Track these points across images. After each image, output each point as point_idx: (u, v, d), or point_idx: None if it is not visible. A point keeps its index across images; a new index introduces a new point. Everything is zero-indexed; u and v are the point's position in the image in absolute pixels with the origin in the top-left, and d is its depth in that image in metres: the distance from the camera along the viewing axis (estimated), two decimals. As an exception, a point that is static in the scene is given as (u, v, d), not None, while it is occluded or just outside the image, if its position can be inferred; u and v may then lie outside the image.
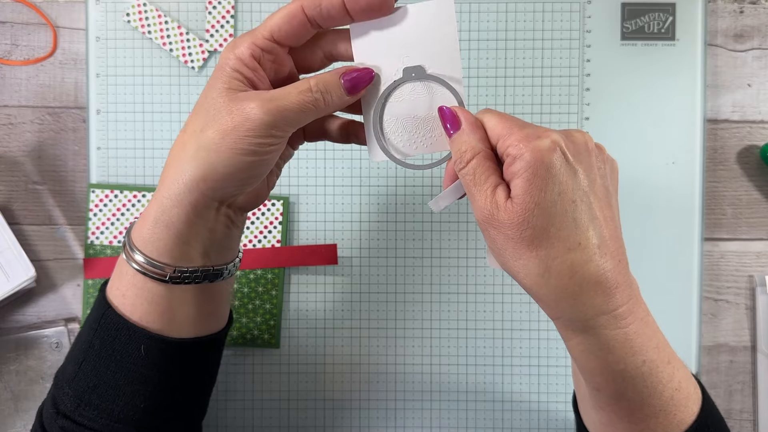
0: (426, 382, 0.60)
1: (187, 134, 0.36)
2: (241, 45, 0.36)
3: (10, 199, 0.60)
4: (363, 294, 0.60)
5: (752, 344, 0.61)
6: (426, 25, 0.37)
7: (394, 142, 0.39)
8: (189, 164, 0.36)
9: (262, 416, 0.60)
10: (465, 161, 0.35)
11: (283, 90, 0.36)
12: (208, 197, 0.36)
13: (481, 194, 0.34)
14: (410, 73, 0.38)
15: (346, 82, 0.37)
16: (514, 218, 0.33)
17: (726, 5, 0.61)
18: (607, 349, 0.34)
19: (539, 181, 0.32)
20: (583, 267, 0.33)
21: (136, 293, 0.38)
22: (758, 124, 0.61)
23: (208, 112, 0.36)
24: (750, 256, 0.61)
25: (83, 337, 0.40)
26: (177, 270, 0.38)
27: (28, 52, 0.60)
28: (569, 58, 0.60)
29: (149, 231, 0.37)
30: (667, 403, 0.35)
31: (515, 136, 0.34)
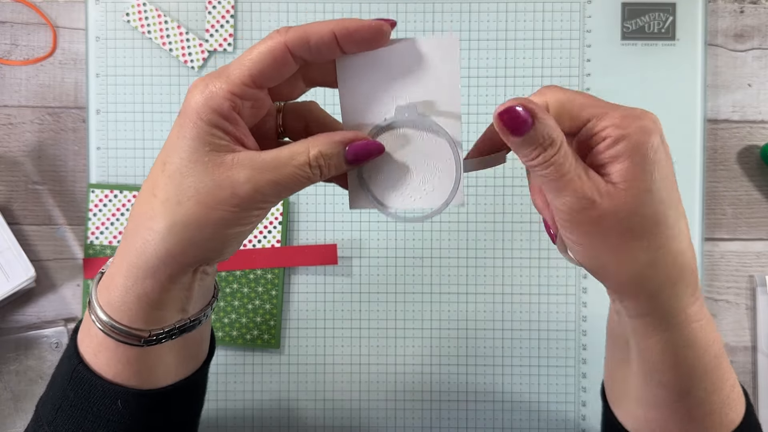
0: (426, 382, 0.60)
1: (158, 202, 0.31)
2: (217, 95, 0.31)
3: (10, 199, 0.60)
4: (363, 294, 0.60)
5: (753, 344, 0.61)
6: (426, 61, 0.33)
7: (377, 190, 0.34)
8: (164, 239, 0.31)
9: (262, 416, 0.60)
10: (553, 152, 0.30)
11: (277, 159, 0.31)
12: (187, 267, 0.33)
13: (579, 182, 0.30)
14: (403, 114, 0.33)
15: (350, 154, 0.32)
16: (623, 206, 0.30)
17: (726, 5, 0.61)
18: (689, 343, 0.33)
19: (649, 165, 0.30)
20: (683, 255, 0.32)
21: (109, 356, 0.35)
22: (758, 124, 0.61)
23: (183, 177, 0.31)
24: (750, 256, 0.61)
25: (58, 382, 0.37)
26: (152, 334, 0.34)
27: (27, 52, 0.60)
28: (569, 58, 0.60)
29: (118, 299, 0.33)
30: (724, 401, 0.35)
31: (613, 115, 0.30)
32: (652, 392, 0.35)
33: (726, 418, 0.35)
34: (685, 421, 0.35)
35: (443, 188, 0.34)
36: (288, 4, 0.60)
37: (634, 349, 0.36)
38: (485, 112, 0.60)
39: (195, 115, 0.31)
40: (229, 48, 0.60)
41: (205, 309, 0.37)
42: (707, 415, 0.34)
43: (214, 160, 0.31)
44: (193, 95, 0.31)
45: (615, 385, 0.41)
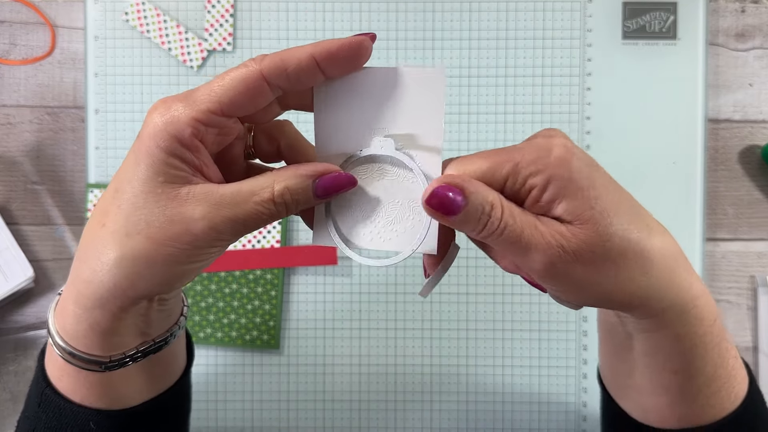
0: (426, 383, 0.60)
1: (107, 231, 0.29)
2: (178, 121, 0.28)
3: (9, 199, 0.60)
4: (363, 294, 0.60)
5: (754, 345, 0.61)
6: (409, 92, 0.30)
7: (344, 227, 0.32)
8: (111, 271, 0.29)
9: (261, 417, 0.60)
10: (498, 215, 0.29)
11: (237, 194, 0.29)
12: (137, 299, 0.31)
13: (539, 235, 0.29)
14: (379, 147, 0.31)
15: (320, 189, 0.30)
16: (589, 238, 0.29)
17: (727, 4, 0.61)
18: (700, 321, 0.33)
19: (585, 191, 0.29)
20: (664, 246, 0.31)
21: (72, 381, 0.34)
22: (759, 124, 0.61)
23: (134, 209, 0.29)
24: (751, 257, 0.61)
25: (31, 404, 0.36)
26: (112, 359, 0.32)
27: (26, 52, 0.60)
28: (570, 58, 0.60)
29: (72, 327, 0.32)
30: (730, 374, 0.35)
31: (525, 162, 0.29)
32: (663, 380, 0.35)
33: (732, 391, 0.35)
34: (696, 400, 0.35)
35: (414, 231, 0.31)
36: (288, 3, 0.60)
37: (642, 344, 0.35)
38: (485, 112, 0.60)
39: (152, 141, 0.28)
40: (229, 47, 0.59)
41: (171, 329, 0.36)
42: (716, 392, 0.34)
43: (168, 193, 0.28)
44: (152, 118, 0.29)
45: (617, 378, 0.40)
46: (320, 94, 0.31)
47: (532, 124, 0.60)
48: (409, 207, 0.31)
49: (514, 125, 0.60)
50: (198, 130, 0.29)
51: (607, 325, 0.40)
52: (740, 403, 0.35)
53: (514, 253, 0.30)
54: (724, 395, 0.35)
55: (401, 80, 0.30)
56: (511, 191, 0.30)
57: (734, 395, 0.35)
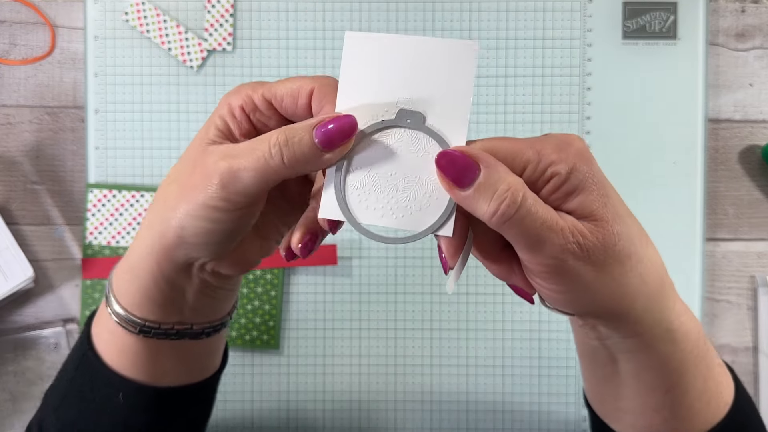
0: (426, 383, 0.60)
1: (163, 182, 0.33)
2: (239, 93, 0.32)
3: (9, 199, 0.60)
4: (363, 294, 0.60)
5: (754, 345, 0.61)
6: (440, 65, 0.29)
7: (353, 198, 0.30)
8: (154, 217, 0.32)
9: (261, 417, 0.60)
10: (518, 202, 0.27)
11: (244, 145, 0.30)
12: (171, 257, 0.32)
13: (559, 229, 0.28)
14: (405, 118, 0.30)
15: (319, 133, 0.29)
16: (604, 237, 0.28)
17: (728, 4, 0.61)
18: (686, 336, 0.33)
19: (603, 188, 0.29)
20: (656, 257, 0.31)
21: (109, 339, 0.36)
22: (760, 124, 0.61)
23: (182, 161, 0.32)
24: (752, 257, 0.61)
25: (69, 367, 0.38)
26: (146, 325, 0.34)
27: (26, 52, 0.60)
28: (570, 57, 0.60)
29: (121, 280, 0.35)
30: (718, 383, 0.35)
31: (548, 151, 0.28)
32: (655, 401, 0.35)
33: (720, 401, 0.35)
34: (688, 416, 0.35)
35: (431, 211, 0.29)
36: (288, 3, 0.60)
37: (629, 366, 0.35)
38: (485, 112, 0.60)
39: (218, 106, 0.32)
40: (229, 47, 0.59)
41: (212, 322, 0.37)
42: (705, 404, 0.35)
43: (199, 147, 0.31)
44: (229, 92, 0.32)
45: (606, 402, 0.40)
46: (352, 46, 0.30)
47: (532, 124, 0.60)
48: (427, 185, 0.30)
49: (514, 125, 0.60)
50: (247, 105, 0.31)
51: (588, 350, 0.39)
52: (729, 409, 0.35)
53: (525, 245, 0.28)
54: (713, 405, 0.35)
55: (433, 51, 0.29)
56: (529, 179, 0.28)
57: (723, 402, 0.35)
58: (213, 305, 0.37)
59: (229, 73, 0.60)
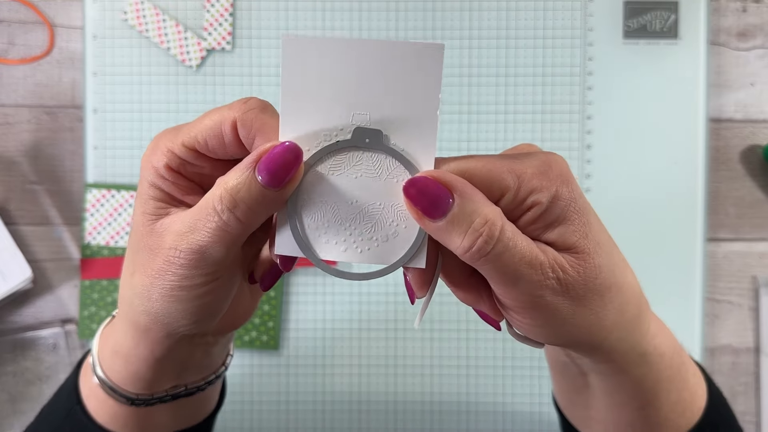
0: (426, 384, 0.60)
1: (125, 274, 0.30)
2: (157, 150, 0.27)
3: (7, 199, 0.60)
4: (362, 295, 0.60)
5: (755, 345, 0.61)
6: (401, 72, 0.25)
7: (314, 233, 0.27)
8: (132, 311, 0.30)
9: (260, 418, 0.60)
10: (495, 236, 0.24)
11: (193, 215, 0.26)
12: (163, 344, 0.31)
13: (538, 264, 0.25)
14: (363, 138, 0.26)
15: (262, 172, 0.25)
16: (585, 271, 0.26)
17: (729, 3, 0.61)
18: (660, 357, 0.32)
19: (585, 216, 0.26)
20: (635, 283, 0.29)
21: (99, 404, 0.34)
22: (761, 124, 0.61)
23: (134, 246, 0.29)
24: (753, 257, 0.61)
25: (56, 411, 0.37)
26: (139, 398, 0.33)
27: (24, 51, 0.60)
28: (571, 57, 0.60)
29: (109, 358, 0.33)
30: (692, 393, 0.34)
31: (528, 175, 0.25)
32: (627, 416, 0.34)
33: (695, 407, 0.35)
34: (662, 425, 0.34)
35: (400, 242, 0.26)
36: (287, 2, 0.59)
37: (601, 385, 0.34)
38: (485, 112, 0.60)
39: (142, 171, 0.28)
40: (228, 46, 0.59)
41: (208, 377, 0.36)
42: (680, 414, 0.34)
43: (149, 226, 0.28)
44: (147, 149, 0.28)
45: (575, 410, 0.39)
46: (290, 53, 0.25)
47: (533, 124, 0.60)
48: (393, 212, 0.26)
49: (514, 125, 0.60)
50: (172, 162, 0.27)
51: (557, 364, 0.38)
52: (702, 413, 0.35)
53: (501, 281, 0.26)
54: (688, 413, 0.34)
55: (390, 57, 0.25)
56: (507, 207, 0.26)
57: (697, 408, 0.35)
58: (208, 363, 0.35)
59: (229, 73, 0.59)
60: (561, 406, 0.41)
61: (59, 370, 0.59)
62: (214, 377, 0.36)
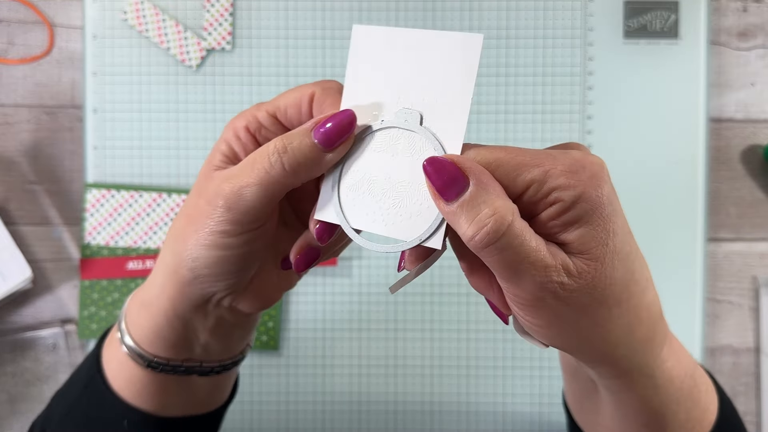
0: (426, 384, 0.60)
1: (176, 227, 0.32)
2: (242, 115, 0.31)
3: (7, 199, 0.60)
4: (363, 294, 0.60)
5: (756, 346, 0.60)
6: (442, 60, 0.27)
7: (350, 203, 0.29)
8: (166, 252, 0.32)
9: (260, 418, 0.59)
10: (500, 231, 0.24)
11: (243, 162, 0.29)
12: (186, 294, 0.32)
13: (542, 264, 0.25)
14: (403, 119, 0.28)
15: (318, 134, 0.28)
16: (594, 279, 0.26)
17: (729, 3, 0.61)
18: (670, 382, 0.31)
19: (608, 224, 0.25)
20: (654, 305, 0.29)
21: (117, 366, 0.35)
22: (762, 124, 0.61)
23: (191, 192, 0.32)
24: (754, 257, 0.61)
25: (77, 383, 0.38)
26: (155, 361, 0.34)
27: (24, 51, 0.60)
28: (571, 57, 0.60)
29: (135, 314, 0.34)
30: (703, 411, 0.34)
31: (556, 172, 0.25)
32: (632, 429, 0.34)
33: (705, 422, 0.34)
34: None
35: (421, 220, 0.27)
36: (287, 2, 0.59)
37: (608, 399, 0.34)
38: (486, 111, 0.60)
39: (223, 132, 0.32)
40: (228, 46, 0.59)
41: (223, 361, 0.36)
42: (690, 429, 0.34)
43: (206, 174, 0.31)
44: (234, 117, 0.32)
45: (584, 413, 0.39)
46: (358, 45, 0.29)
47: (533, 124, 0.60)
48: (420, 191, 0.27)
49: (514, 125, 0.60)
50: (251, 125, 0.31)
51: (569, 366, 0.38)
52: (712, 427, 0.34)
53: (502, 275, 0.26)
54: (698, 429, 0.34)
55: (435, 45, 0.27)
56: (530, 200, 0.26)
57: (707, 423, 0.34)
58: (226, 345, 0.36)
59: (228, 72, 0.59)
60: (570, 408, 0.41)
61: (59, 370, 0.59)
62: (231, 363, 0.37)
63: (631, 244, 0.28)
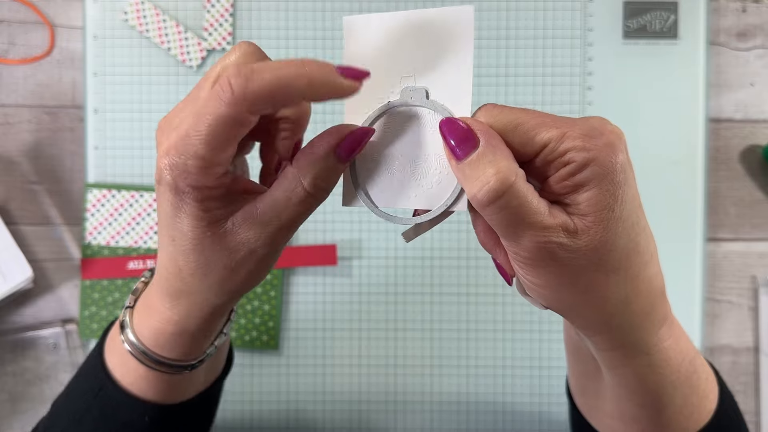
0: (426, 384, 0.60)
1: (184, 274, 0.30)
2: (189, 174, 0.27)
3: (8, 199, 0.60)
4: (362, 295, 0.60)
5: (755, 345, 0.61)
6: (438, 35, 0.28)
7: (370, 185, 0.30)
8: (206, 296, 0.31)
9: (261, 418, 0.60)
10: (500, 191, 0.25)
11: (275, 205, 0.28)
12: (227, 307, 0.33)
13: (542, 224, 0.26)
14: (409, 96, 0.29)
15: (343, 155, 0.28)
16: (596, 242, 0.26)
17: (729, 4, 0.61)
18: (666, 363, 0.31)
19: (617, 190, 0.26)
20: (655, 280, 0.29)
21: (138, 379, 0.35)
22: (761, 124, 0.61)
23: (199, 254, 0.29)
24: (753, 257, 0.61)
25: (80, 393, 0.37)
26: (187, 364, 0.35)
27: (25, 51, 0.60)
28: (571, 57, 0.60)
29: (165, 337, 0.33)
30: (702, 398, 0.34)
31: (573, 134, 0.26)
32: (630, 411, 0.34)
33: (704, 410, 0.35)
34: (666, 427, 0.34)
35: (442, 187, 0.29)
36: (287, 2, 0.59)
37: (606, 375, 0.34)
38: (486, 112, 0.60)
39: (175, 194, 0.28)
40: (228, 47, 0.59)
41: (225, 325, 0.37)
42: (687, 417, 0.34)
43: (216, 232, 0.29)
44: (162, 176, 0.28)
45: (586, 397, 0.39)
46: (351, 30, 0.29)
47: (533, 124, 0.60)
48: (437, 160, 0.29)
49: (514, 125, 0.60)
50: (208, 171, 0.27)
51: (573, 343, 0.39)
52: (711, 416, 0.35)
53: (504, 234, 0.27)
54: (696, 416, 0.34)
55: (428, 23, 0.28)
56: (544, 160, 0.27)
57: (707, 412, 0.35)
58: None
59: (229, 73, 0.59)
60: (573, 391, 0.41)
61: (59, 370, 0.59)
62: (230, 322, 0.38)
63: (639, 215, 0.28)
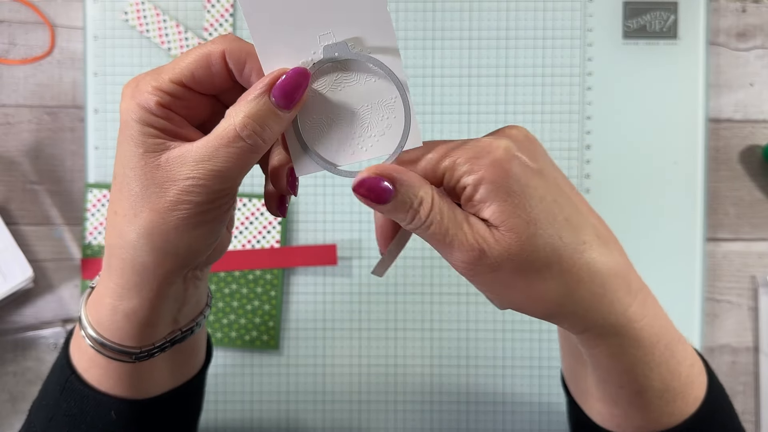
0: (426, 383, 0.60)
1: (119, 218, 0.30)
2: (144, 92, 0.29)
3: (8, 199, 0.60)
4: (363, 294, 0.60)
5: (755, 345, 0.61)
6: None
7: (321, 148, 0.30)
8: (135, 254, 0.30)
9: (261, 418, 0.60)
10: (426, 211, 0.29)
11: (207, 145, 0.28)
12: (170, 278, 0.32)
13: (463, 236, 0.29)
14: (332, 53, 0.29)
15: (278, 96, 0.28)
16: (512, 247, 0.29)
17: (728, 4, 0.61)
18: (637, 343, 0.32)
19: (516, 198, 0.28)
20: (598, 265, 0.30)
21: (100, 371, 0.35)
22: (761, 124, 0.61)
23: (131, 187, 0.29)
24: (753, 257, 0.61)
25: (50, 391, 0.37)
26: (143, 350, 0.34)
27: (25, 51, 0.60)
28: (570, 57, 0.60)
29: (108, 318, 0.33)
30: (685, 384, 0.34)
31: (460, 159, 0.29)
32: (609, 393, 0.35)
33: (689, 398, 0.35)
34: (648, 411, 0.34)
35: (393, 131, 0.30)
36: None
37: (585, 357, 0.35)
38: (485, 112, 0.60)
39: (126, 115, 0.29)
40: (228, 47, 0.59)
41: (197, 318, 0.37)
42: (669, 402, 0.34)
43: (151, 163, 0.29)
44: (124, 93, 0.29)
45: (575, 382, 0.40)
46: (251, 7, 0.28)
47: (533, 124, 0.60)
48: (381, 107, 0.30)
49: (514, 125, 0.60)
50: (163, 99, 0.29)
51: (561, 334, 0.40)
52: (699, 404, 0.35)
53: (439, 249, 0.30)
54: (680, 403, 0.35)
55: None
56: (448, 186, 0.30)
57: (693, 399, 0.35)
58: (197, 300, 0.36)
59: (229, 73, 0.60)
60: (566, 379, 0.42)
61: (60, 369, 0.60)
62: (202, 317, 0.37)
63: (564, 207, 0.30)
